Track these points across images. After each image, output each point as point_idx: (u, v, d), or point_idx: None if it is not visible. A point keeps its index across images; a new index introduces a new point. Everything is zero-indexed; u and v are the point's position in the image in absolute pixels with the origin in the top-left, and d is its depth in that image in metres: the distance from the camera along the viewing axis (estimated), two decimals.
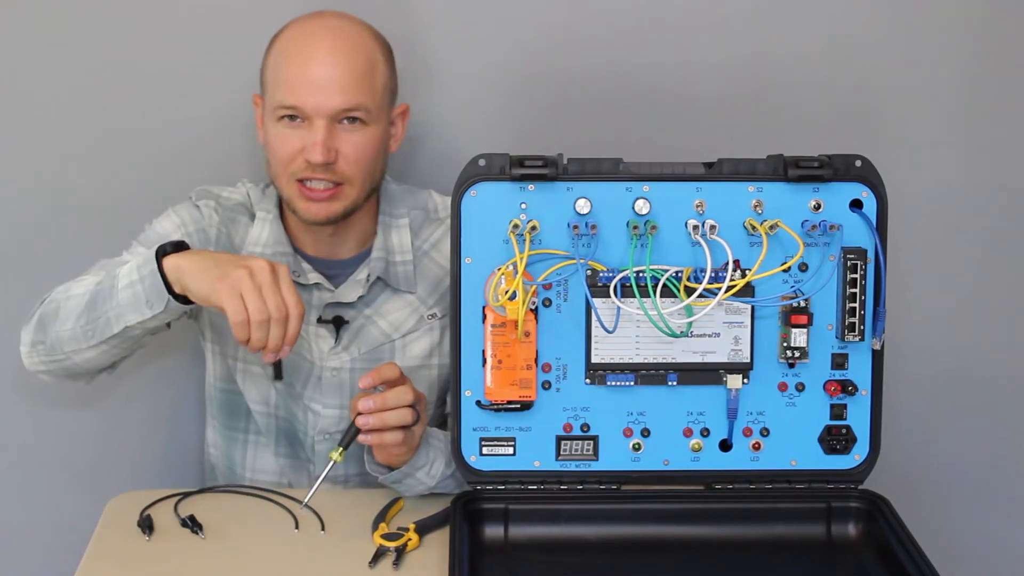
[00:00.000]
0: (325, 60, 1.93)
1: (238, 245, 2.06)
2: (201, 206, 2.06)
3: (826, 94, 2.32)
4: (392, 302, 2.07)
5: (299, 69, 1.93)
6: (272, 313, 1.74)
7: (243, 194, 2.10)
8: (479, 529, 1.87)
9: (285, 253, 2.04)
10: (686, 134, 2.32)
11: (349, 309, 2.06)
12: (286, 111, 1.94)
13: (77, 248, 2.34)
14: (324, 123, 1.92)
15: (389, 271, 2.06)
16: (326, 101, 1.92)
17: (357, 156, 1.95)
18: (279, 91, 1.94)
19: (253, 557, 1.80)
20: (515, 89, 2.31)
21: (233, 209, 2.08)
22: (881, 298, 1.86)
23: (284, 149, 1.95)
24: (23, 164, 2.32)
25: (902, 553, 1.77)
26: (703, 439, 1.91)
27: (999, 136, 2.36)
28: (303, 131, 1.94)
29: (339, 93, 1.92)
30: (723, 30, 2.30)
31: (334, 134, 1.94)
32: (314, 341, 2.06)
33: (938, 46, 2.32)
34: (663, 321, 1.82)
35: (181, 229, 2.03)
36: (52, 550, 2.42)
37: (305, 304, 2.02)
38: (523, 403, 1.88)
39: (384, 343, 2.07)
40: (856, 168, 1.86)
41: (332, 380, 2.07)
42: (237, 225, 2.07)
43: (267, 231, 2.05)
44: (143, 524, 1.86)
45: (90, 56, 2.27)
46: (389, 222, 2.08)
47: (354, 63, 1.94)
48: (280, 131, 1.95)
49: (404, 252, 2.07)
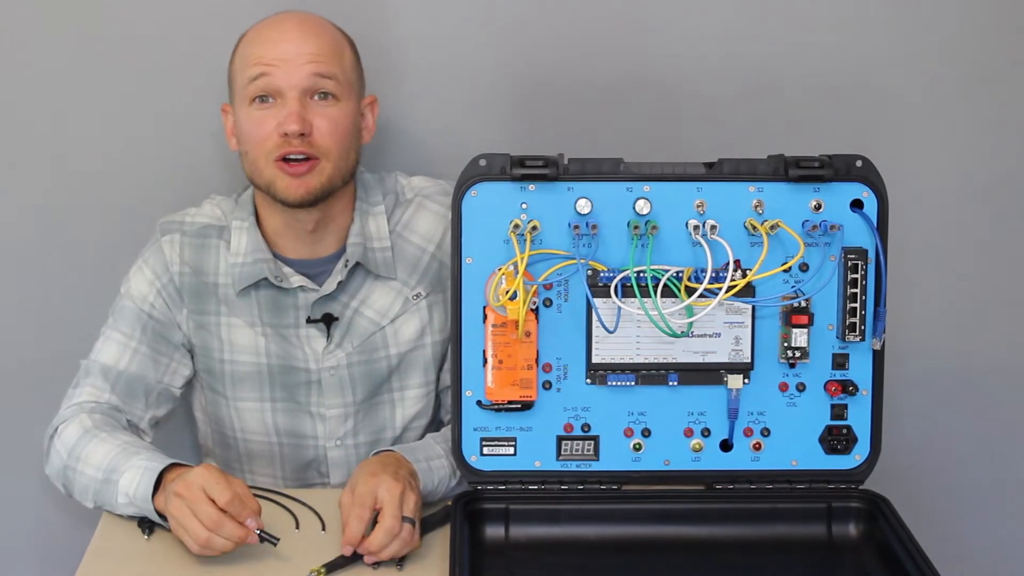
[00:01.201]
0: (293, 36, 1.95)
1: (209, 271, 2.05)
2: (164, 245, 2.06)
3: (826, 94, 2.32)
4: (376, 290, 2.07)
5: (268, 47, 1.95)
6: (209, 527, 1.74)
7: (210, 213, 2.09)
8: (479, 529, 1.86)
9: (265, 259, 2.03)
10: (686, 134, 2.32)
11: (335, 304, 2.05)
12: (257, 89, 1.94)
13: (72, 250, 2.35)
14: (296, 95, 1.93)
15: (368, 257, 2.05)
16: (297, 70, 1.93)
17: (331, 129, 1.96)
18: (248, 69, 1.95)
19: (253, 557, 1.80)
20: (515, 89, 2.31)
21: (199, 234, 2.07)
22: (881, 298, 1.86)
23: (259, 130, 1.95)
24: (18, 167, 2.32)
25: (902, 553, 1.77)
26: (704, 439, 1.91)
27: (999, 136, 2.36)
28: (276, 109, 1.94)
29: (310, 62, 1.94)
30: (723, 30, 2.30)
31: (307, 107, 1.94)
32: (306, 343, 2.06)
33: (938, 46, 2.32)
34: (664, 321, 1.82)
35: (154, 285, 2.05)
36: (52, 550, 2.43)
37: (290, 307, 2.04)
38: (524, 403, 1.88)
39: (375, 331, 2.07)
40: (857, 168, 1.86)
41: (331, 380, 2.07)
42: (205, 251, 2.06)
43: (244, 240, 2.05)
44: (143, 524, 1.86)
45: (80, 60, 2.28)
46: (366, 209, 2.08)
47: (322, 39, 1.97)
48: (252, 114, 1.96)
49: (382, 238, 2.07)
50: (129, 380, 2.03)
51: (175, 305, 2.05)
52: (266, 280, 2.03)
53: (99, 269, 2.34)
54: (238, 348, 2.06)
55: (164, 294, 2.05)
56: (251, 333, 2.05)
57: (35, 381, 2.40)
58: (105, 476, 1.88)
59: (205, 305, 2.06)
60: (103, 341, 2.05)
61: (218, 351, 2.06)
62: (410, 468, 1.87)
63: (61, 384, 2.35)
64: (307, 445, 2.09)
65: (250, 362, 2.06)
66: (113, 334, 2.05)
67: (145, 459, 1.86)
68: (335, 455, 2.10)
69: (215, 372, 2.08)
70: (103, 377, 2.02)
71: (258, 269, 2.02)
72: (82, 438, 1.94)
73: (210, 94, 2.20)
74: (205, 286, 2.05)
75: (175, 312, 2.05)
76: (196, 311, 2.06)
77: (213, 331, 2.06)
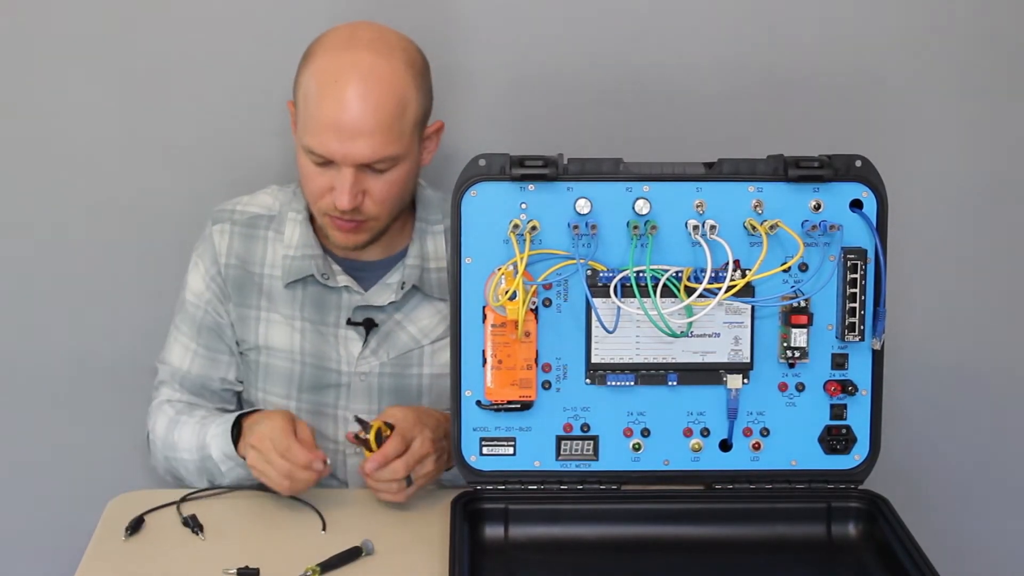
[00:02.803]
0: (354, 110, 1.88)
1: (256, 261, 2.07)
2: (215, 233, 2.08)
3: (826, 94, 2.32)
4: (423, 308, 2.07)
5: (327, 116, 1.89)
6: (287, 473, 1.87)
7: (262, 203, 2.10)
8: (479, 529, 1.86)
9: (315, 255, 2.04)
10: (686, 134, 2.32)
11: (379, 312, 2.06)
12: (314, 156, 1.92)
13: (79, 251, 2.35)
14: (351, 171, 1.91)
15: (424, 278, 2.05)
16: (353, 152, 1.89)
17: (383, 197, 1.95)
18: (307, 133, 1.92)
19: (253, 557, 1.80)
20: (515, 89, 2.31)
21: (248, 223, 2.08)
22: (881, 298, 1.86)
23: (312, 186, 1.95)
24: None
25: (902, 553, 1.77)
26: (703, 439, 1.91)
27: (999, 136, 2.36)
28: (331, 172, 1.92)
29: (367, 147, 1.89)
30: (723, 30, 2.30)
31: (361, 178, 1.92)
32: (342, 344, 2.06)
33: (938, 46, 2.32)
34: (663, 321, 1.82)
35: (205, 281, 2.08)
36: (52, 550, 2.43)
37: (332, 306, 2.06)
38: (523, 403, 1.88)
39: (413, 349, 2.07)
40: (856, 168, 1.86)
41: (361, 385, 2.07)
42: (253, 241, 2.07)
43: (297, 233, 2.06)
44: (131, 526, 1.87)
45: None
46: (425, 228, 2.07)
47: (382, 111, 1.89)
48: (309, 167, 1.94)
49: (439, 259, 2.07)
50: (195, 380, 2.10)
51: (224, 299, 2.08)
52: (313, 276, 2.03)
53: (97, 273, 2.35)
54: (274, 345, 2.07)
55: (215, 287, 2.08)
56: (288, 330, 2.06)
57: (35, 381, 2.40)
58: (200, 455, 2.00)
59: (247, 298, 2.07)
60: (171, 341, 2.12)
61: (254, 344, 2.08)
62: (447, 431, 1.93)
63: (61, 384, 2.36)
64: (327, 448, 2.08)
65: (283, 360, 2.07)
66: (178, 335, 2.11)
67: (218, 425, 1.99)
68: (355, 462, 2.09)
69: (249, 363, 2.10)
70: (173, 379, 2.11)
71: (307, 265, 2.03)
72: (168, 429, 2.05)
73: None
74: (250, 278, 2.07)
75: (225, 306, 2.08)
76: (239, 303, 2.07)
77: (252, 325, 2.07)
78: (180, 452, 2.03)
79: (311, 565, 1.77)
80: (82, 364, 2.39)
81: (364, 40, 1.93)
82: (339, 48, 1.92)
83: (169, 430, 2.05)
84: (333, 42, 1.94)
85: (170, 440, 2.04)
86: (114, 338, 2.37)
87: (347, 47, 1.92)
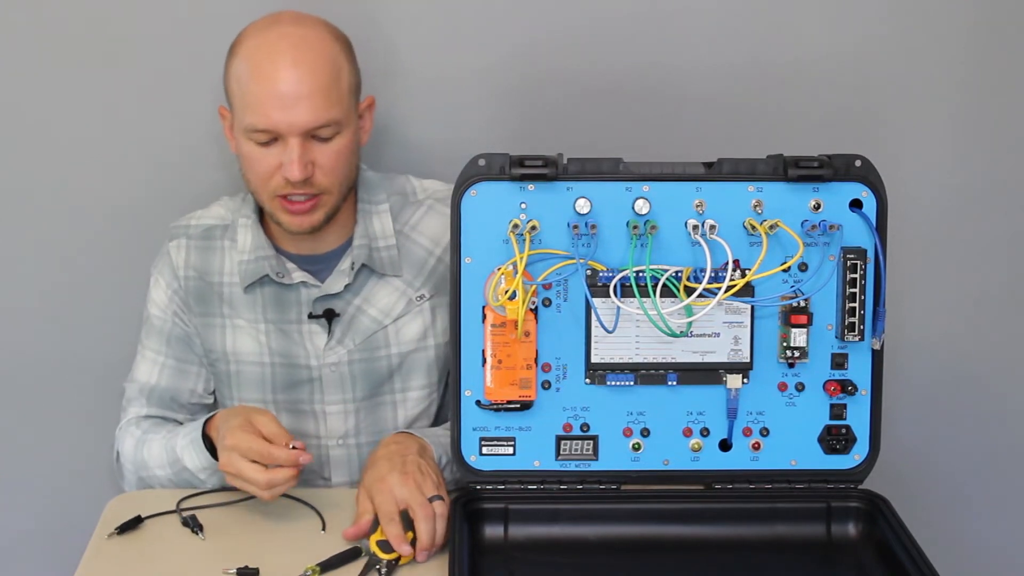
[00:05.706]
0: (290, 77, 1.90)
1: (214, 271, 2.08)
2: (172, 250, 2.10)
3: (826, 94, 2.32)
4: (379, 288, 2.08)
5: (265, 88, 1.91)
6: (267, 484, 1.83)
7: (216, 214, 2.12)
8: (479, 529, 1.87)
9: (267, 256, 2.05)
10: (686, 134, 2.32)
11: (338, 301, 2.06)
12: (257, 136, 1.93)
13: (79, 251, 2.35)
14: (297, 140, 1.92)
15: (373, 257, 2.06)
16: (297, 119, 1.91)
17: (332, 165, 1.96)
18: (247, 113, 1.93)
19: (253, 557, 1.80)
20: (515, 89, 2.31)
21: (203, 236, 2.10)
22: (881, 298, 1.86)
23: (260, 168, 1.96)
24: (21, 167, 2.33)
25: (902, 553, 1.77)
26: (703, 439, 1.91)
27: (999, 136, 2.36)
28: (277, 148, 1.94)
29: (309, 111, 1.91)
30: (723, 30, 2.30)
31: (308, 148, 1.93)
32: (307, 339, 2.06)
33: (938, 46, 2.32)
34: (663, 321, 1.82)
35: (168, 295, 2.09)
36: (52, 550, 2.43)
37: (293, 303, 2.06)
38: (523, 403, 1.88)
39: (377, 330, 2.07)
40: (856, 168, 1.86)
41: (332, 376, 2.07)
42: (210, 252, 2.09)
43: (249, 237, 2.07)
44: (124, 527, 1.87)
45: (83, 61, 2.28)
46: (369, 209, 2.08)
47: (319, 75, 1.92)
48: (253, 150, 1.95)
49: (387, 237, 2.07)
50: (163, 393, 2.10)
51: (187, 311, 2.09)
52: (269, 276, 2.04)
53: (96, 273, 2.35)
54: (241, 350, 2.08)
55: (178, 299, 2.09)
56: (254, 333, 2.07)
57: (35, 381, 2.40)
58: (173, 469, 1.99)
59: (209, 308, 2.08)
60: (138, 359, 2.13)
61: (221, 353, 2.08)
62: (418, 445, 1.92)
63: (61, 384, 2.36)
64: (309, 445, 2.09)
65: (253, 363, 2.08)
66: (145, 351, 2.12)
67: (185, 436, 1.97)
68: (337, 455, 2.10)
69: (219, 373, 2.10)
70: (141, 395, 2.11)
71: (261, 266, 2.05)
72: (137, 448, 2.04)
73: (212, 96, 2.21)
74: (210, 287, 2.08)
75: (189, 318, 2.09)
76: (201, 314, 2.08)
77: (217, 333, 2.08)
78: (152, 469, 2.02)
79: (311, 565, 1.77)
80: (82, 364, 2.39)
81: (287, 18, 1.97)
82: (264, 29, 1.96)
83: (137, 449, 2.04)
84: (256, 27, 1.97)
85: (140, 459, 2.03)
86: (114, 338, 2.37)
87: (272, 26, 1.96)
